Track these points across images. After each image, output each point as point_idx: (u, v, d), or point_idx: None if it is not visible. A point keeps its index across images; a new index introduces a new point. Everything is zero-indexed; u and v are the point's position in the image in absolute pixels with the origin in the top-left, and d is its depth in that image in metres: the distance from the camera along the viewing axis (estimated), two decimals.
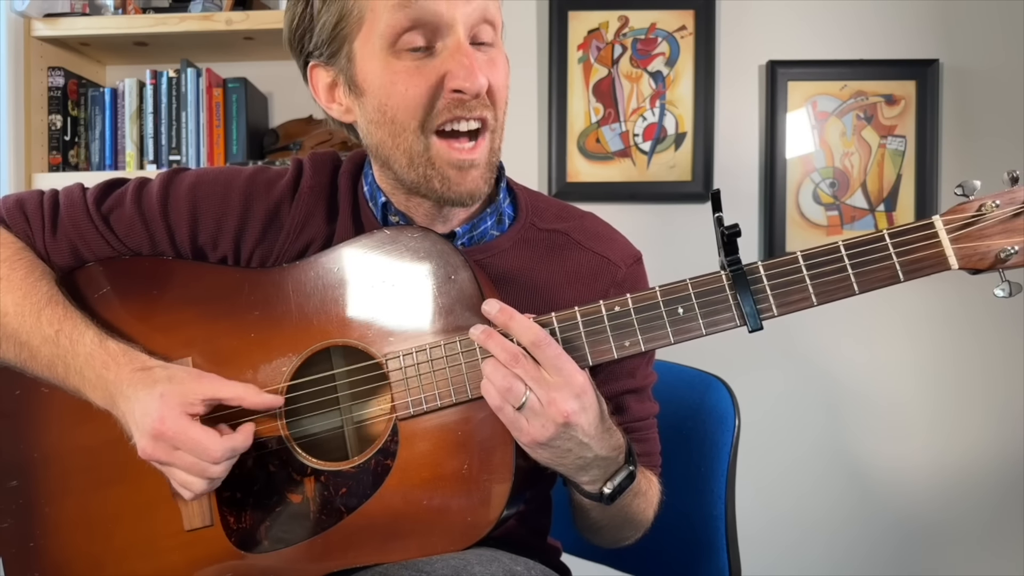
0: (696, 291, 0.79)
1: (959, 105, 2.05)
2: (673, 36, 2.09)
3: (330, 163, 0.99)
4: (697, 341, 0.80)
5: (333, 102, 0.92)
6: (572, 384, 0.77)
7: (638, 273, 0.99)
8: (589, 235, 0.98)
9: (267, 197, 0.95)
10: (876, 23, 2.07)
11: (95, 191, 0.97)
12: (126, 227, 0.95)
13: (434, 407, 0.82)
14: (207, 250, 0.95)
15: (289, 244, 0.94)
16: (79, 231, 0.94)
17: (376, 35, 0.83)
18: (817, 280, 0.77)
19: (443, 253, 0.84)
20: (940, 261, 0.76)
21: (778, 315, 0.77)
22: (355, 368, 0.88)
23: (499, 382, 0.77)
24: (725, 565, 1.10)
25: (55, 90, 1.98)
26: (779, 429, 2.08)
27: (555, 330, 0.80)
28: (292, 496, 0.86)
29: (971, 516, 2.06)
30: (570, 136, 2.09)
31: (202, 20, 1.91)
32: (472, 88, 0.82)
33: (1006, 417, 2.05)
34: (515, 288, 0.93)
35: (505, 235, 0.96)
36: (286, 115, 2.13)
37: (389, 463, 0.83)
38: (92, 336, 0.88)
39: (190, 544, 0.88)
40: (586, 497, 0.86)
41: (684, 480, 1.14)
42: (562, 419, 0.76)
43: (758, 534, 1.84)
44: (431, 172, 0.86)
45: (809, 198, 2.07)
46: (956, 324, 2.06)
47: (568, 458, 0.80)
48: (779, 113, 2.07)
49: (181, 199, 0.94)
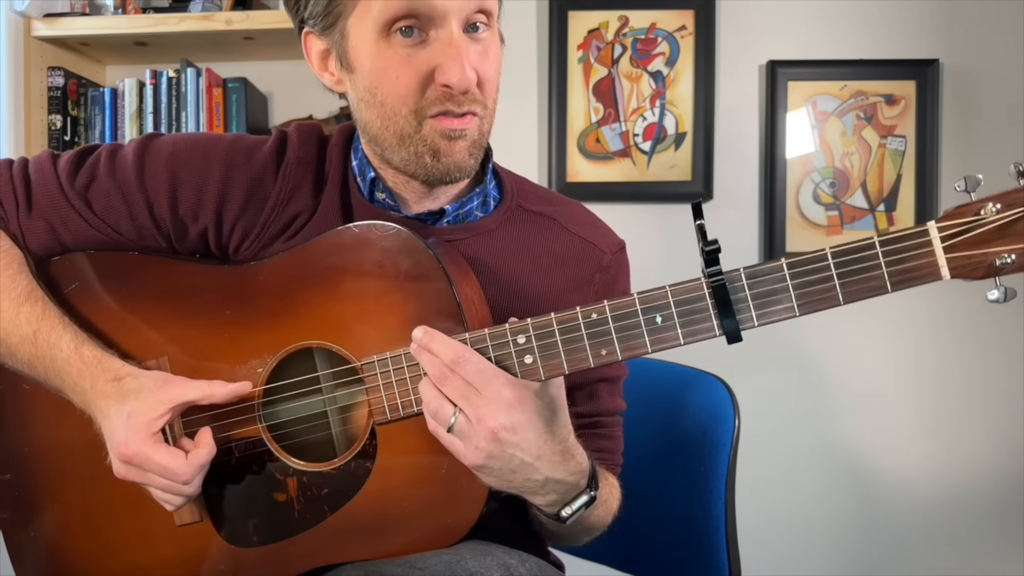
0: (675, 299, 0.76)
1: (959, 105, 2.05)
2: (673, 36, 2.09)
3: (317, 135, 0.96)
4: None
5: (325, 71, 0.91)
6: (499, 399, 0.74)
7: (621, 261, 0.99)
8: (575, 220, 0.97)
9: (248, 166, 0.92)
10: (876, 23, 2.07)
11: (66, 165, 0.92)
12: (103, 202, 0.91)
13: (410, 413, 0.82)
14: (187, 221, 0.91)
15: (275, 217, 0.92)
16: (55, 209, 0.91)
17: (370, 17, 0.82)
18: (801, 290, 0.73)
19: (415, 253, 0.83)
20: (931, 271, 0.71)
21: (758, 325, 0.75)
22: (335, 371, 0.87)
23: (427, 405, 0.76)
24: (725, 565, 1.10)
25: (55, 90, 1.98)
26: (779, 429, 2.08)
27: (531, 337, 0.78)
28: (277, 495, 0.87)
29: (972, 517, 2.06)
30: (570, 136, 2.09)
31: (202, 20, 1.91)
32: (460, 85, 0.81)
33: (1007, 419, 2.05)
34: (499, 268, 0.92)
35: (490, 216, 0.94)
36: (286, 115, 2.13)
37: (369, 465, 0.83)
38: (68, 341, 0.86)
39: (183, 538, 0.89)
40: (543, 515, 0.85)
41: (684, 480, 1.14)
42: (491, 436, 0.73)
43: (758, 534, 1.84)
44: (422, 148, 0.85)
45: (809, 198, 2.07)
46: (959, 326, 2.06)
47: (515, 480, 0.77)
48: (779, 113, 2.07)
49: (159, 168, 0.90)
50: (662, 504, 1.18)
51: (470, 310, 0.83)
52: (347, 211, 0.93)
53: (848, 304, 0.73)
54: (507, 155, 0.96)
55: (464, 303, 0.82)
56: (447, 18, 0.81)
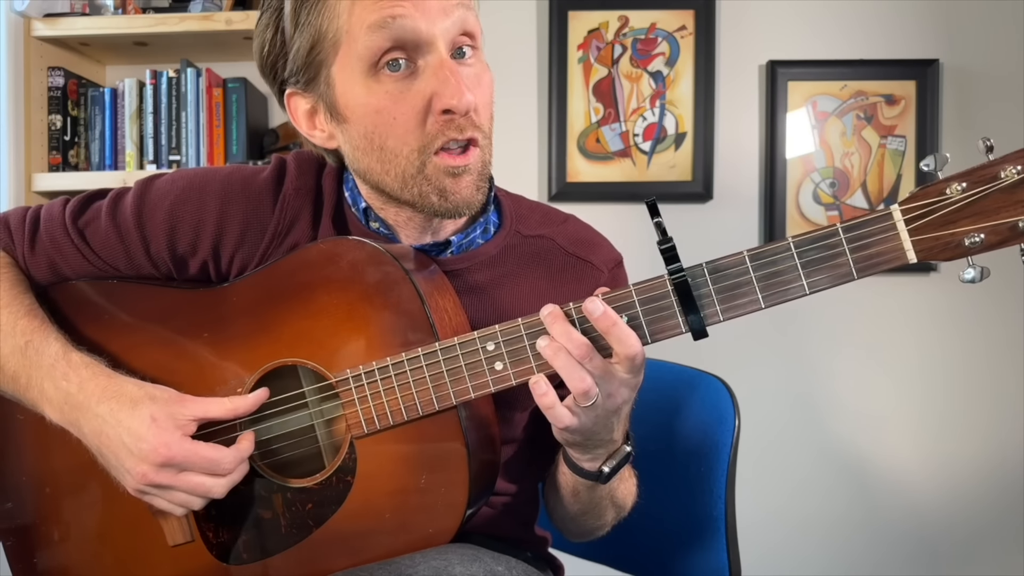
0: (640, 298, 0.76)
1: (959, 105, 2.05)
2: (673, 36, 2.09)
3: (315, 164, 0.96)
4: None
5: (315, 129, 0.90)
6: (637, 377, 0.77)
7: (619, 276, 0.99)
8: (572, 240, 0.97)
9: (244, 198, 0.91)
10: (876, 23, 2.07)
11: (74, 205, 0.94)
12: (101, 241, 0.92)
13: (387, 425, 0.82)
14: (188, 258, 0.92)
15: (274, 248, 0.91)
16: (56, 246, 0.92)
17: (354, 58, 0.81)
18: (765, 281, 0.73)
19: (382, 264, 0.82)
20: (897, 255, 0.70)
21: (723, 320, 0.74)
22: (316, 387, 0.87)
23: (577, 385, 0.74)
24: (725, 565, 1.10)
25: (55, 90, 1.98)
26: (779, 429, 2.08)
27: (500, 344, 0.79)
28: (263, 512, 0.88)
29: (972, 517, 2.06)
30: (570, 136, 2.09)
31: (202, 20, 1.91)
32: (461, 106, 0.80)
33: (1008, 418, 2.05)
34: (500, 294, 0.93)
35: (491, 242, 0.94)
36: (286, 115, 2.12)
37: (349, 479, 0.84)
38: (57, 348, 0.85)
39: (177, 559, 0.89)
40: (582, 476, 0.87)
41: (684, 480, 1.14)
42: (615, 409, 0.77)
43: (758, 534, 1.84)
44: (427, 188, 0.84)
45: (809, 198, 2.07)
46: (960, 325, 2.06)
47: (591, 441, 0.81)
48: (779, 113, 2.07)
49: (156, 210, 0.91)
50: (662, 504, 1.18)
51: (442, 319, 0.83)
52: None
53: (814, 293, 0.73)
54: (507, 155, 0.97)
55: (435, 312, 0.82)
56: (434, 42, 0.80)
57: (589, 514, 0.96)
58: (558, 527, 1.04)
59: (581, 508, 0.95)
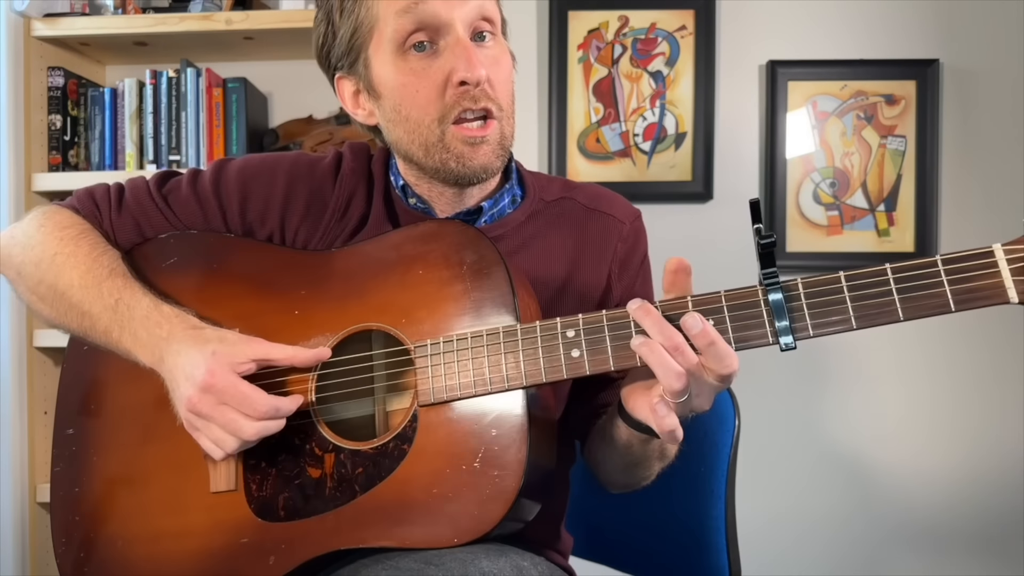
0: (729, 304, 0.76)
1: (959, 105, 2.05)
2: (673, 36, 2.09)
3: (366, 151, 1.08)
4: None
5: (358, 108, 1.01)
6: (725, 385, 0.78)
7: (639, 228, 1.07)
8: (591, 197, 1.06)
9: (309, 179, 1.03)
10: (876, 23, 2.07)
11: (155, 177, 1.06)
12: (182, 206, 1.03)
13: (454, 396, 0.84)
14: (255, 227, 1.03)
15: (335, 222, 1.02)
16: (141, 208, 1.03)
17: (386, 40, 0.92)
18: (859, 303, 0.74)
19: (481, 248, 0.89)
20: (998, 293, 0.70)
21: (813, 336, 0.75)
22: (388, 352, 0.91)
23: (673, 384, 0.75)
24: (725, 565, 1.11)
25: (55, 90, 1.98)
26: (779, 429, 2.08)
27: (580, 331, 0.81)
28: (311, 470, 0.89)
29: (972, 517, 2.06)
30: (570, 136, 2.09)
31: (202, 20, 1.91)
32: (473, 77, 0.89)
33: (1009, 418, 2.05)
34: (532, 257, 1.00)
35: (519, 210, 1.03)
36: (286, 115, 2.13)
37: (405, 448, 0.85)
38: (148, 302, 0.93)
39: (213, 506, 0.91)
40: (638, 431, 0.86)
41: (684, 480, 1.14)
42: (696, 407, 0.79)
43: (758, 534, 1.84)
44: (446, 156, 0.93)
45: (809, 198, 2.07)
46: (960, 325, 2.05)
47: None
48: (779, 113, 2.07)
49: (232, 181, 1.03)
50: (662, 504, 1.18)
51: (524, 303, 0.88)
52: (393, 216, 1.03)
53: (908, 320, 0.73)
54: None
55: (520, 298, 0.87)
56: (452, 25, 0.91)
57: (640, 465, 0.97)
58: (602, 480, 1.04)
59: (633, 460, 0.95)
